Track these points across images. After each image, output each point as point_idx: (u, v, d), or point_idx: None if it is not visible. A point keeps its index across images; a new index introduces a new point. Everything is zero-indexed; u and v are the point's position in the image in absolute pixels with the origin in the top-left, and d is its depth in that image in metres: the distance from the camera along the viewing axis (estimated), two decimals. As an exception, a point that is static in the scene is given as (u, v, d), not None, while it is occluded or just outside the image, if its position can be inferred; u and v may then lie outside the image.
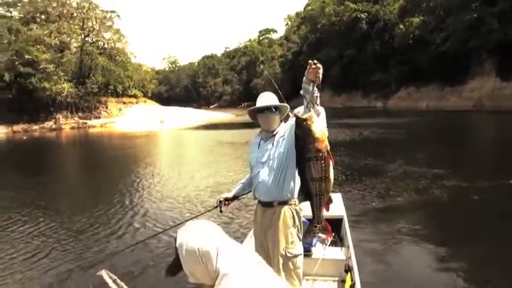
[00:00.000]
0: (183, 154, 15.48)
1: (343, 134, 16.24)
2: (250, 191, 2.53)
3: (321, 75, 1.84)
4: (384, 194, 6.83)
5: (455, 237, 4.83)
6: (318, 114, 1.97)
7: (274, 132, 2.33)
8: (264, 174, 2.26)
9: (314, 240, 3.40)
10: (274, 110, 2.32)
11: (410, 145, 13.73)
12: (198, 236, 1.28)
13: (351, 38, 49.30)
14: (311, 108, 1.92)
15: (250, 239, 3.36)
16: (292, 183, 2.22)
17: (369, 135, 16.44)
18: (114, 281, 1.70)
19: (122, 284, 1.78)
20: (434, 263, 4.09)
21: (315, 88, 1.90)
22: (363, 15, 47.84)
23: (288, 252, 2.18)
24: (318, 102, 1.97)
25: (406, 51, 40.07)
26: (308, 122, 1.84)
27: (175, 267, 1.33)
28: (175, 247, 1.32)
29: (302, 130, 1.87)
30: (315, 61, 1.83)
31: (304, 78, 1.90)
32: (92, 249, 4.87)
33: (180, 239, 1.30)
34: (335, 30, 51.89)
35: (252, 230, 3.56)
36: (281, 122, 2.39)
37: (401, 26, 41.55)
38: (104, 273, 1.72)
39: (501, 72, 29.32)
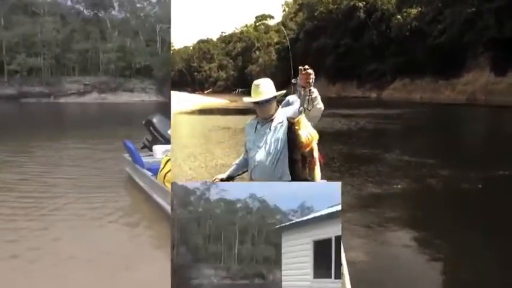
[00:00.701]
0: (181, 136, 15.35)
1: (339, 124, 16.34)
2: (245, 171, 2.54)
3: (311, 81, 1.86)
4: (378, 181, 6.90)
5: (446, 225, 4.92)
6: (316, 117, 2.05)
7: (272, 118, 2.32)
8: (261, 157, 2.26)
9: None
10: (272, 99, 2.31)
11: (405, 135, 13.91)
12: None
13: (347, 27, 48.97)
14: (302, 112, 1.97)
15: None
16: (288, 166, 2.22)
17: (365, 125, 16.56)
18: None
19: None
20: (423, 248, 4.16)
21: (312, 89, 1.94)
22: (360, 4, 47.42)
23: (284, 232, 2.22)
24: (317, 102, 2.02)
25: (403, 42, 40.02)
26: (296, 127, 1.89)
27: None
28: None
29: (291, 133, 1.93)
30: (306, 66, 1.85)
31: (298, 81, 1.95)
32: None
33: None
34: (332, 18, 51.45)
35: None
36: (277, 106, 2.38)
37: (398, 17, 41.38)
38: None
39: (495, 67, 29.52)
